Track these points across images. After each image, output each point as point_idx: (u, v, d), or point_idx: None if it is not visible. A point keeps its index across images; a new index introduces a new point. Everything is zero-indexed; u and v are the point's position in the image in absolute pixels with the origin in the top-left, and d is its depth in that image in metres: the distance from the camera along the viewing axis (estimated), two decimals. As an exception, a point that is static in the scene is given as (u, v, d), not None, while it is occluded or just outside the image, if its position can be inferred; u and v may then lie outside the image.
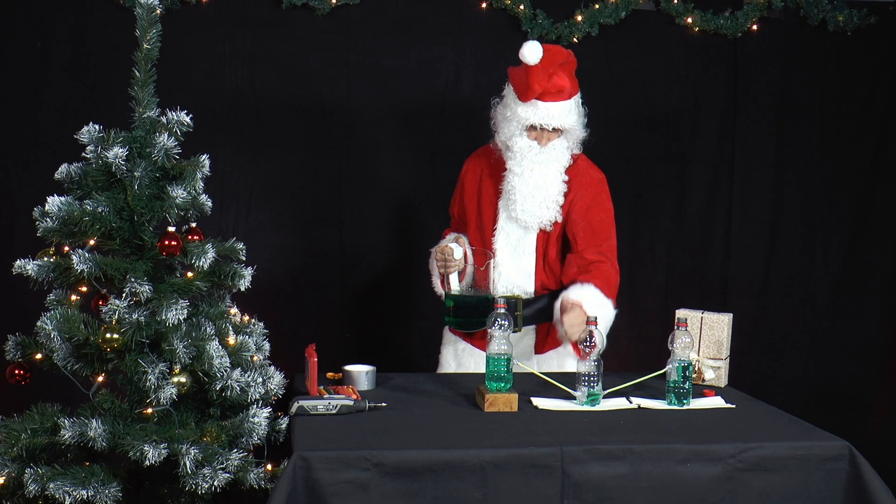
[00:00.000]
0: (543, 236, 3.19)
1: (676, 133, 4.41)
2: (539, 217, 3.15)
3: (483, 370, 2.73)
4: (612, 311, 3.11)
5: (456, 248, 3.15)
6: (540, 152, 3.15)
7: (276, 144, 4.15)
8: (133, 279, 2.43)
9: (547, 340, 3.22)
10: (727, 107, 4.42)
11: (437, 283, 3.29)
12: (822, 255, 4.52)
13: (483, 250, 3.20)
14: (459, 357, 3.29)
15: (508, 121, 3.17)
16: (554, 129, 3.14)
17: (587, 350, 2.69)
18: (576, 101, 3.17)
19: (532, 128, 3.14)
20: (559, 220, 3.18)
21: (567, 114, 3.14)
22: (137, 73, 2.54)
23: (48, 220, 2.52)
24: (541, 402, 2.71)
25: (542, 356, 3.23)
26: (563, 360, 3.20)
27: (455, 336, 3.32)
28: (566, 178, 3.19)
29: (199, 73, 4.06)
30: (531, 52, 3.04)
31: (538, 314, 3.20)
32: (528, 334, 3.22)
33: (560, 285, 3.20)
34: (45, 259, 2.56)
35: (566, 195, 3.18)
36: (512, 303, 3.12)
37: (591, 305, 2.98)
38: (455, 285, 3.16)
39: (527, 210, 3.15)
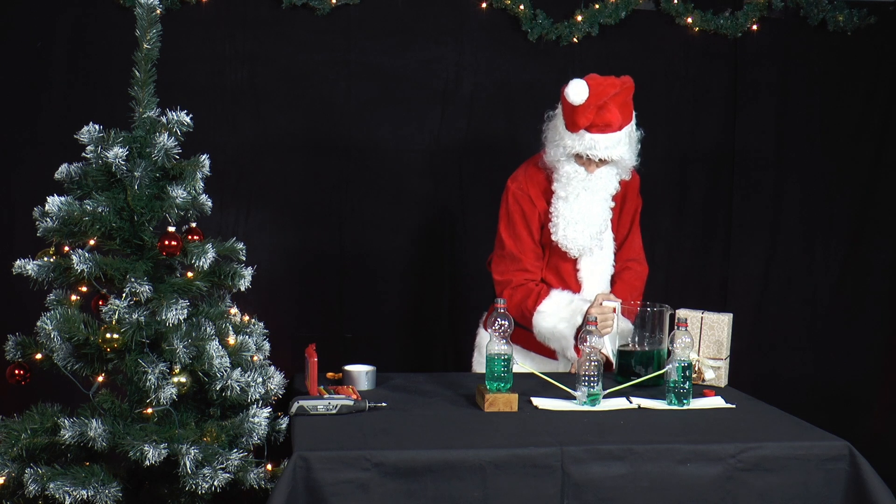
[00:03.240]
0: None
1: (676, 133, 4.41)
2: (579, 244, 3.12)
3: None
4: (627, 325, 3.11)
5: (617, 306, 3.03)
6: (586, 179, 3.09)
7: (276, 144, 4.15)
8: (133, 279, 2.43)
9: None
10: (727, 107, 4.42)
11: (569, 346, 3.10)
12: (822, 255, 4.52)
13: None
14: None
15: (556, 145, 3.10)
16: (601, 159, 3.07)
17: (587, 349, 2.69)
18: (627, 131, 3.08)
19: (579, 155, 3.08)
20: (608, 242, 3.20)
21: (616, 146, 3.05)
22: (137, 73, 2.53)
23: (48, 220, 2.52)
24: (541, 402, 2.71)
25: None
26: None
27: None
28: (613, 204, 3.17)
29: (199, 73, 4.06)
30: (576, 93, 2.97)
31: None
32: None
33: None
34: (45, 259, 2.56)
35: (612, 220, 3.20)
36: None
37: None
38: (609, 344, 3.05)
39: (568, 237, 3.10)
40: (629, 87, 3.07)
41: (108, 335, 2.43)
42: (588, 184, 3.09)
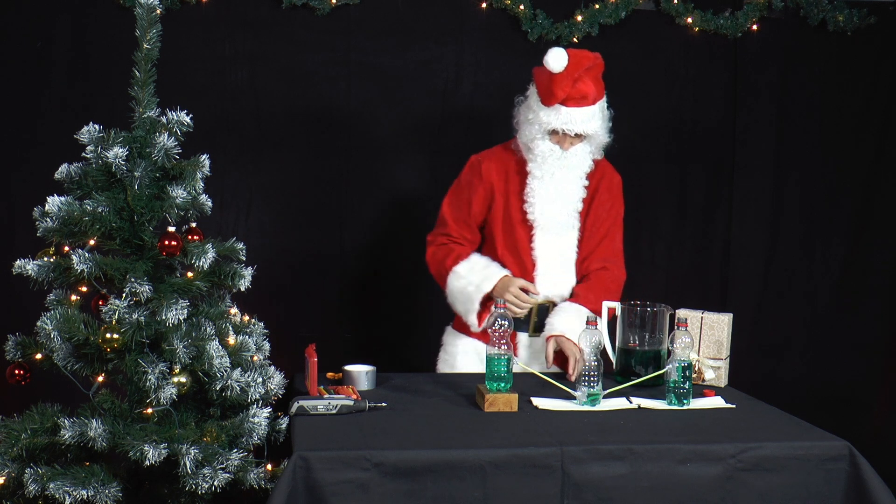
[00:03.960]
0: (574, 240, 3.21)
1: (676, 133, 4.41)
2: (558, 221, 3.15)
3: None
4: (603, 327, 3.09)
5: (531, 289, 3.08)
6: (562, 157, 3.12)
7: (276, 144, 4.15)
8: (133, 279, 2.43)
9: None
10: (727, 107, 4.42)
11: (472, 311, 3.15)
12: (822, 255, 4.52)
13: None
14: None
15: (530, 123, 3.12)
16: (577, 134, 3.10)
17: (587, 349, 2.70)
18: (600, 106, 3.13)
19: (554, 132, 3.10)
20: (577, 224, 3.18)
21: (590, 119, 3.09)
22: (137, 73, 2.53)
23: (48, 220, 2.52)
24: (541, 402, 2.71)
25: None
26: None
27: (470, 337, 3.28)
28: (587, 182, 3.18)
29: (199, 73, 4.05)
30: (556, 59, 3.00)
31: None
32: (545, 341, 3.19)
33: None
34: (45, 259, 2.56)
35: (584, 200, 3.19)
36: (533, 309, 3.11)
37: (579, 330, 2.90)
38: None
39: (545, 214, 3.13)
40: (601, 63, 3.12)
41: (108, 335, 2.43)
42: (564, 161, 3.12)
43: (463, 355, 3.28)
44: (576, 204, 3.17)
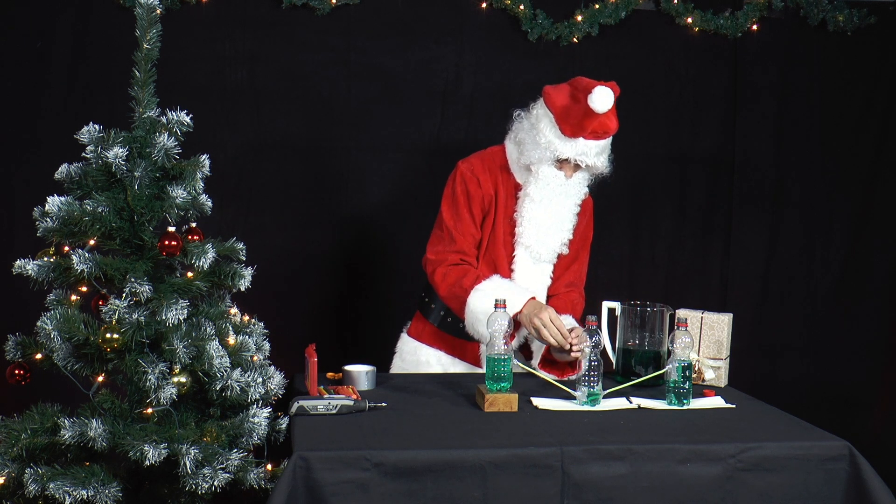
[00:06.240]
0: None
1: (676, 133, 4.41)
2: (550, 248, 3.10)
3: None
4: None
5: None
6: (564, 184, 3.04)
7: (276, 144, 4.15)
8: (133, 279, 2.43)
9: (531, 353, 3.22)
10: (727, 107, 4.42)
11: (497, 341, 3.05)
12: (822, 255, 4.53)
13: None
14: (445, 368, 3.23)
15: (540, 148, 3.00)
16: (586, 164, 3.04)
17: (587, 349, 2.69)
18: (612, 138, 3.06)
19: (564, 160, 3.03)
20: (565, 252, 3.15)
21: (602, 152, 3.01)
22: (137, 73, 2.53)
23: (48, 220, 2.52)
24: (541, 402, 2.71)
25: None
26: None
27: (433, 347, 3.25)
28: (578, 209, 3.13)
29: (199, 73, 4.06)
30: (603, 101, 2.89)
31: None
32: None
33: None
34: (45, 259, 2.55)
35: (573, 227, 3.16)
36: None
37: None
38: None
39: (539, 240, 3.07)
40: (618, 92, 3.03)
41: (108, 335, 2.42)
42: (564, 188, 3.05)
43: (425, 366, 3.23)
44: (567, 233, 3.10)
